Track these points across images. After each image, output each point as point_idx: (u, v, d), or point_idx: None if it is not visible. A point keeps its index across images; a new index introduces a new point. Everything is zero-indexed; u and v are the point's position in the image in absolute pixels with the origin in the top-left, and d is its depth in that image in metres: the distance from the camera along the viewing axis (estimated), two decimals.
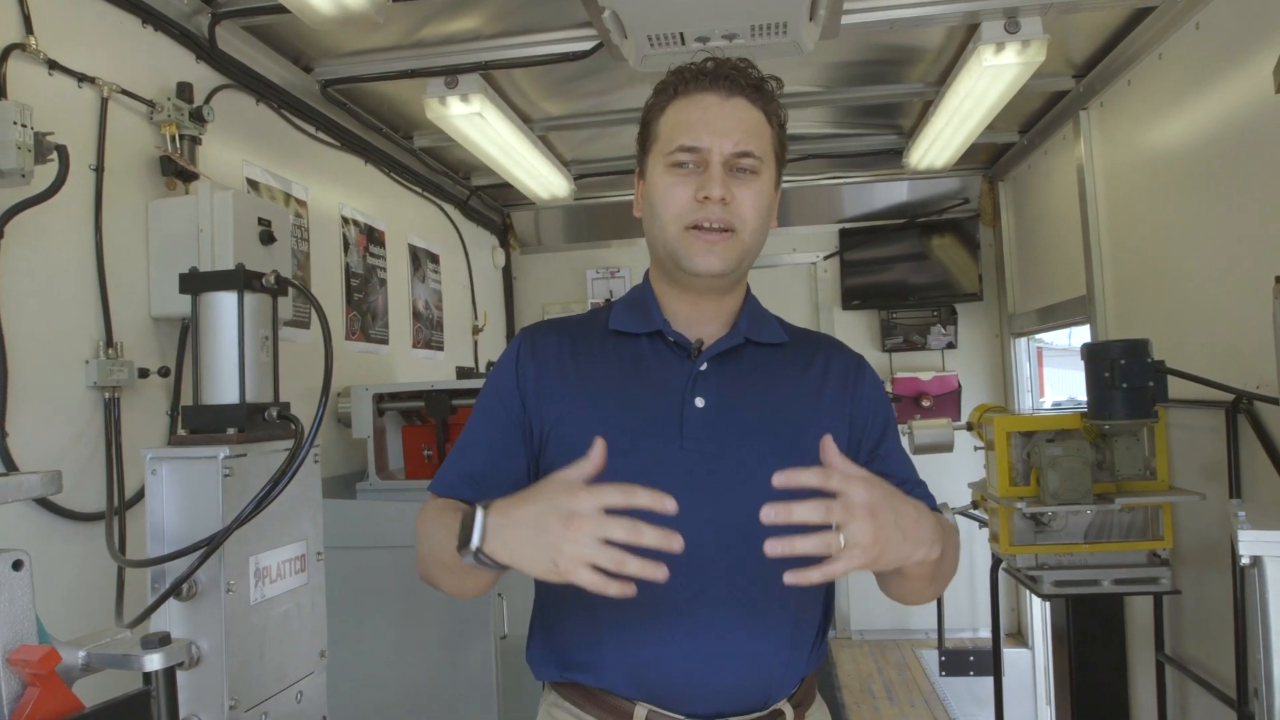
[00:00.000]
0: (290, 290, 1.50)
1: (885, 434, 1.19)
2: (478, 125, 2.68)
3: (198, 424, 1.40)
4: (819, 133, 3.60)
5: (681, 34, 2.12)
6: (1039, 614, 3.78)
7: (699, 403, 1.10)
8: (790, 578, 0.85)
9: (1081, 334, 4.41)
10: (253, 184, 2.31)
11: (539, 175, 3.38)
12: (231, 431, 1.38)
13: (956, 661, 3.07)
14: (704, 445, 1.08)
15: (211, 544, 1.26)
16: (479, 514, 0.88)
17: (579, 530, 0.82)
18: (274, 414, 1.43)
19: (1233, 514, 1.14)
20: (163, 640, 0.96)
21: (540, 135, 3.20)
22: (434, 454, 2.60)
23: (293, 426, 1.42)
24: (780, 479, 0.86)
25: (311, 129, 2.60)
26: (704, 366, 1.12)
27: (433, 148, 3.31)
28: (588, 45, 2.36)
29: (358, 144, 2.85)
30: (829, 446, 0.89)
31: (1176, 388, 2.13)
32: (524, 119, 3.01)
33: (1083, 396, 2.16)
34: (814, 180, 4.25)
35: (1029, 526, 2.24)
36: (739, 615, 1.05)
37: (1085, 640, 2.30)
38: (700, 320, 1.16)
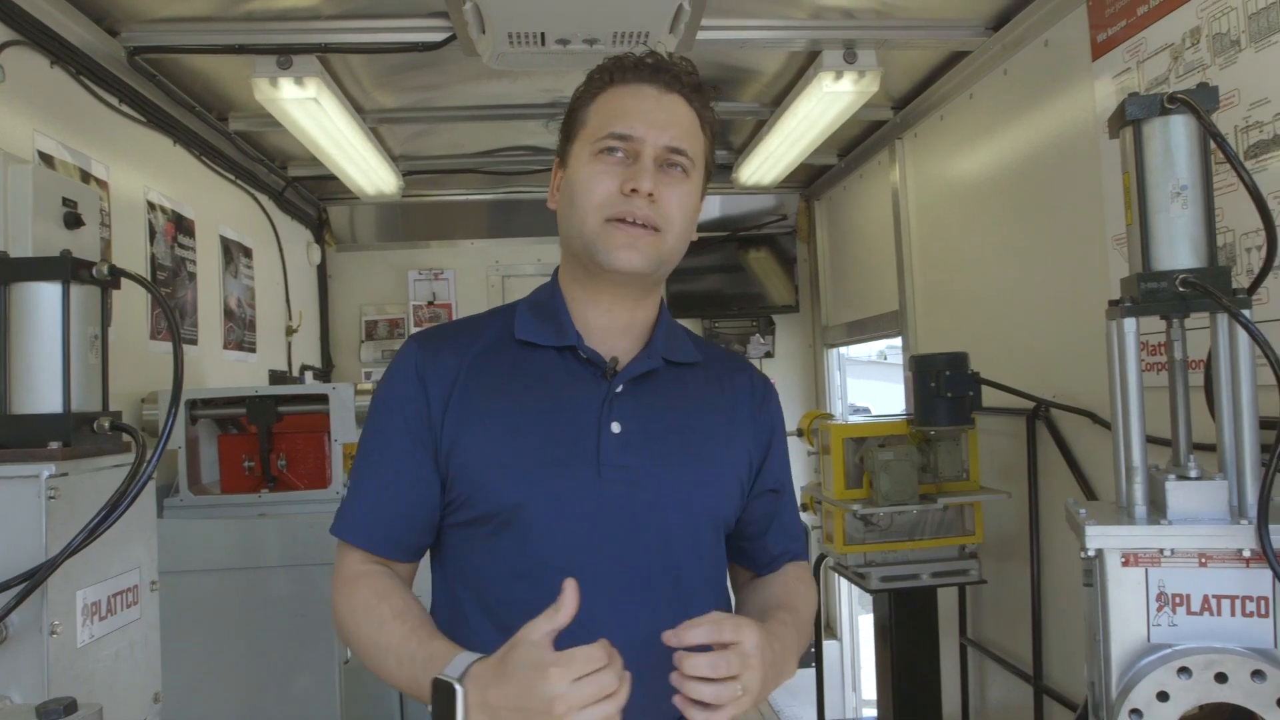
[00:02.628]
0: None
1: (773, 446, 1.22)
2: (312, 112, 2.50)
3: (11, 437, 1.19)
4: None
5: (543, 34, 2.08)
6: (847, 607, 4.05)
7: (615, 428, 1.05)
8: None
9: (880, 345, 4.77)
10: (45, 158, 2.01)
11: (370, 169, 3.20)
12: (55, 445, 1.19)
13: None
14: (622, 474, 1.04)
15: (34, 579, 1.08)
16: (459, 697, 0.85)
17: (564, 714, 0.82)
18: (105, 425, 1.25)
19: (1074, 511, 1.27)
20: None
21: (372, 127, 3.03)
22: (256, 465, 2.39)
23: (130, 439, 1.25)
24: (671, 638, 0.89)
25: (115, 100, 2.31)
26: (620, 389, 1.07)
27: (249, 132, 3.05)
28: (439, 36, 2.26)
29: (166, 121, 2.57)
30: (711, 620, 0.91)
31: (984, 397, 2.35)
32: (357, 108, 2.84)
33: (876, 403, 2.34)
34: None
35: (859, 526, 2.38)
36: (653, 634, 0.97)
37: (903, 630, 2.48)
38: (614, 332, 1.10)
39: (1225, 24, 1.66)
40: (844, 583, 4.00)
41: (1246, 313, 1.16)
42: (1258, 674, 1.12)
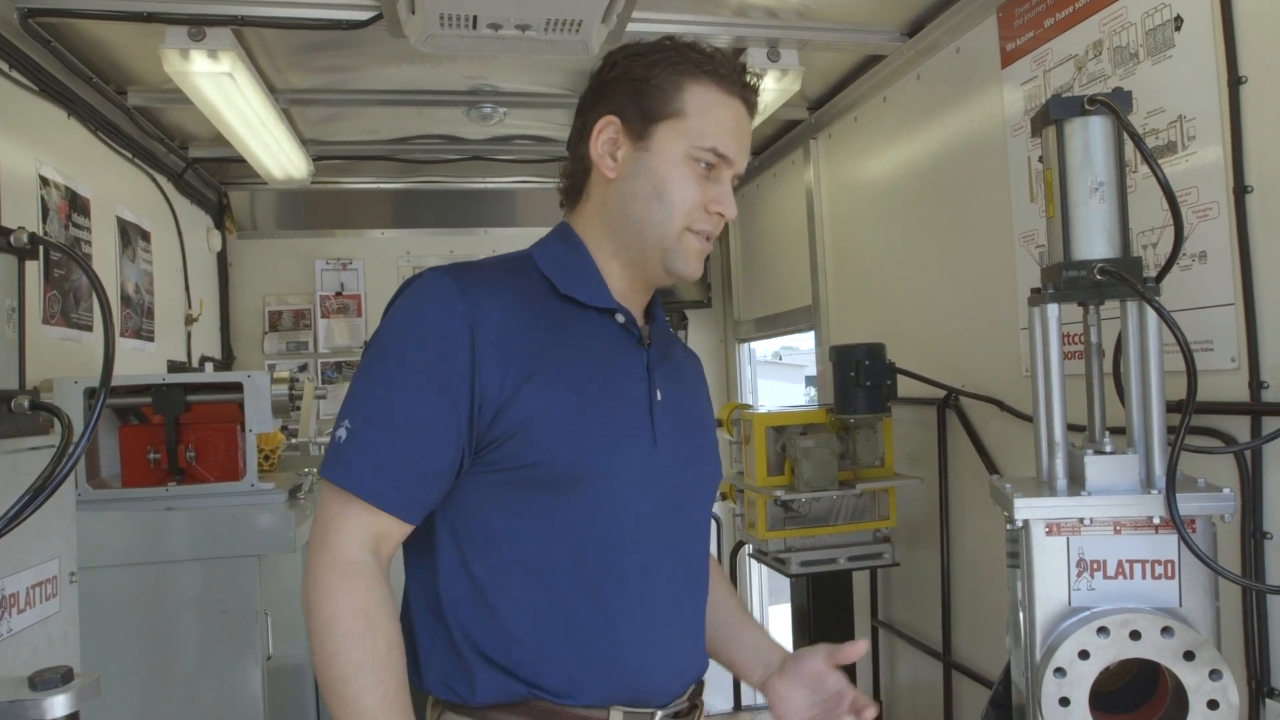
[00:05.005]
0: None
1: None
2: (224, 88, 2.39)
3: None
4: (561, 137, 3.66)
5: (475, 18, 2.06)
6: (758, 596, 4.14)
7: (659, 396, 1.08)
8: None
9: (776, 345, 4.89)
10: None
11: (281, 153, 3.08)
12: None
13: None
14: (668, 442, 1.08)
15: None
16: None
17: None
18: (24, 404, 1.17)
19: (1000, 486, 1.34)
20: None
21: (284, 108, 2.92)
22: (162, 457, 2.27)
23: (54, 419, 1.17)
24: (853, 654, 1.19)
25: (4, 66, 2.15)
26: (657, 359, 1.12)
27: (148, 108, 2.89)
28: (365, 15, 2.20)
29: (61, 92, 2.41)
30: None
31: (898, 387, 2.46)
32: (270, 88, 2.73)
33: (773, 401, 2.42)
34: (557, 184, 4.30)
35: (779, 513, 2.45)
36: (687, 597, 1.13)
37: (820, 615, 2.56)
38: (635, 303, 1.13)
39: (1124, 38, 1.79)
40: (756, 573, 4.09)
41: (1158, 299, 1.26)
42: (1167, 631, 1.22)
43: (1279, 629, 1.49)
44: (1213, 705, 1.21)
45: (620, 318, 1.08)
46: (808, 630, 2.56)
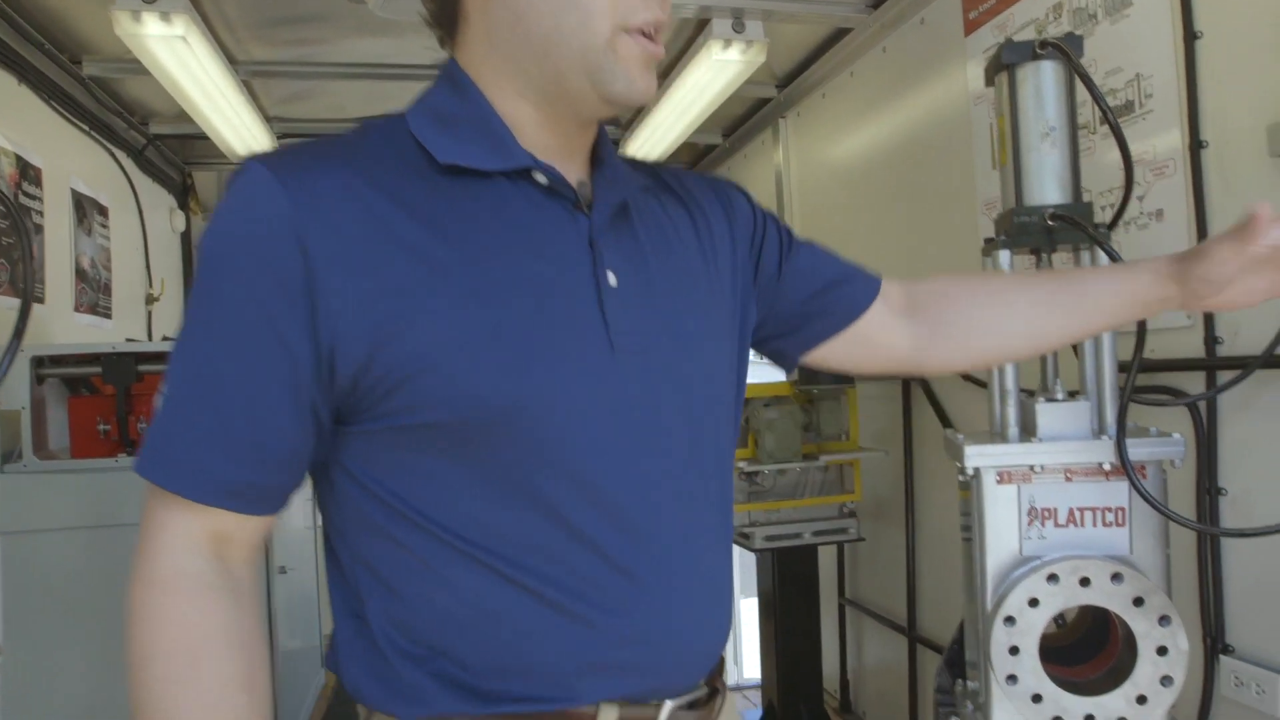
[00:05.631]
0: None
1: (764, 231, 0.96)
2: (179, 54, 2.34)
3: None
4: None
5: None
6: (737, 578, 4.12)
7: (611, 280, 0.76)
8: None
9: None
10: None
11: (242, 127, 3.03)
12: None
13: None
14: (635, 342, 0.76)
15: None
16: None
17: None
18: None
19: (953, 438, 1.33)
20: None
21: (244, 80, 2.88)
22: (112, 428, 2.22)
23: None
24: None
25: None
26: (603, 224, 0.78)
27: (105, 79, 2.83)
28: None
29: (12, 59, 2.36)
30: None
31: None
32: (229, 58, 2.68)
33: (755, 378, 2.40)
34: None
35: (743, 487, 2.43)
36: (693, 551, 0.80)
37: (785, 593, 2.54)
38: (565, 155, 0.80)
39: None
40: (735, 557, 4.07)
41: (1110, 244, 1.25)
42: (1116, 577, 1.20)
43: (1233, 587, 1.49)
44: (1161, 651, 1.20)
45: (541, 177, 0.76)
46: (774, 609, 2.54)
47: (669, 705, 0.79)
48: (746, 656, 4.18)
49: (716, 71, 2.59)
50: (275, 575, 2.47)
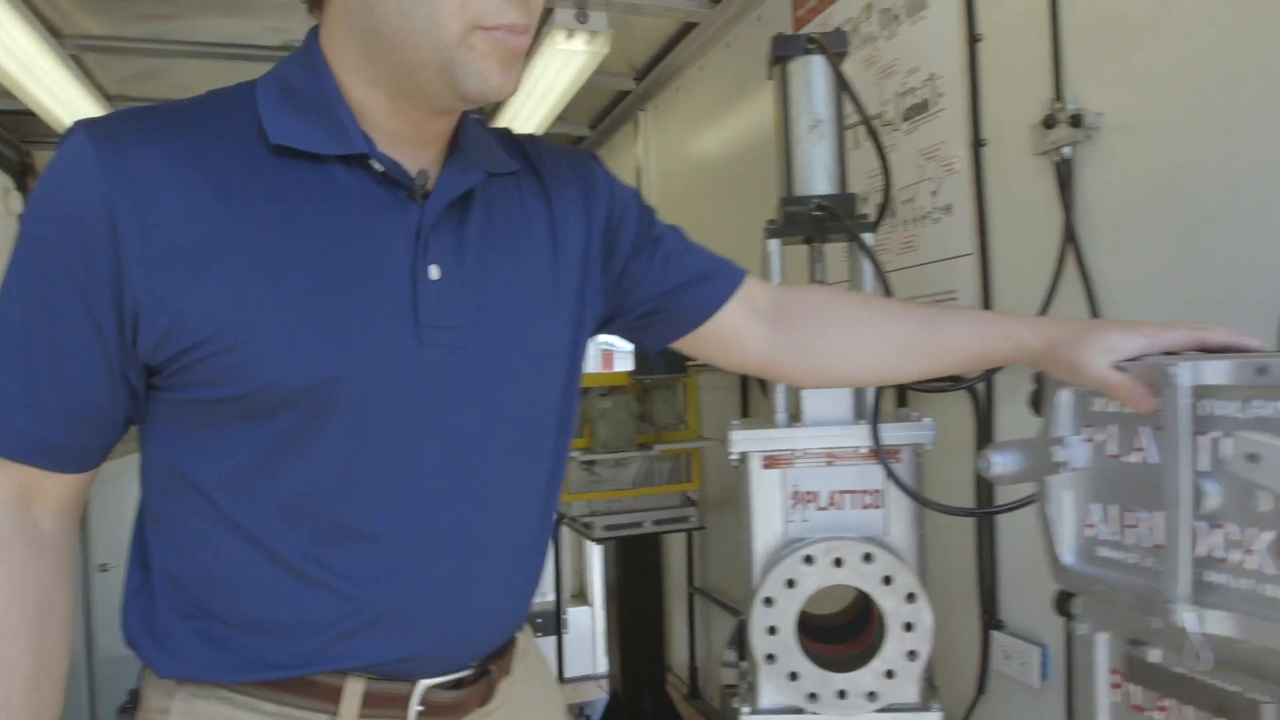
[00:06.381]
0: None
1: (621, 216, 0.95)
2: None
3: None
4: None
5: None
6: (599, 573, 4.14)
7: (433, 273, 0.77)
8: None
9: None
10: None
11: (74, 105, 2.88)
12: None
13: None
14: (448, 336, 0.77)
15: None
16: None
17: None
18: None
19: (731, 426, 1.35)
20: None
21: (73, 55, 2.73)
22: None
23: None
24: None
25: None
26: (435, 217, 0.78)
27: None
28: None
29: None
30: None
31: None
32: (53, 32, 2.54)
33: None
34: None
35: (584, 477, 2.44)
36: (495, 542, 0.83)
37: (630, 581, 2.56)
38: (417, 142, 0.79)
39: (890, 0, 1.84)
40: (596, 552, 4.08)
41: (868, 237, 1.29)
42: (868, 557, 1.24)
43: (1006, 567, 1.56)
44: (908, 627, 1.25)
45: (377, 165, 0.76)
46: (618, 599, 2.56)
47: (422, 684, 0.80)
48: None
49: (564, 62, 2.59)
50: (95, 573, 2.36)
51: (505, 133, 0.91)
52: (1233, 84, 1.12)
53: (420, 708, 0.80)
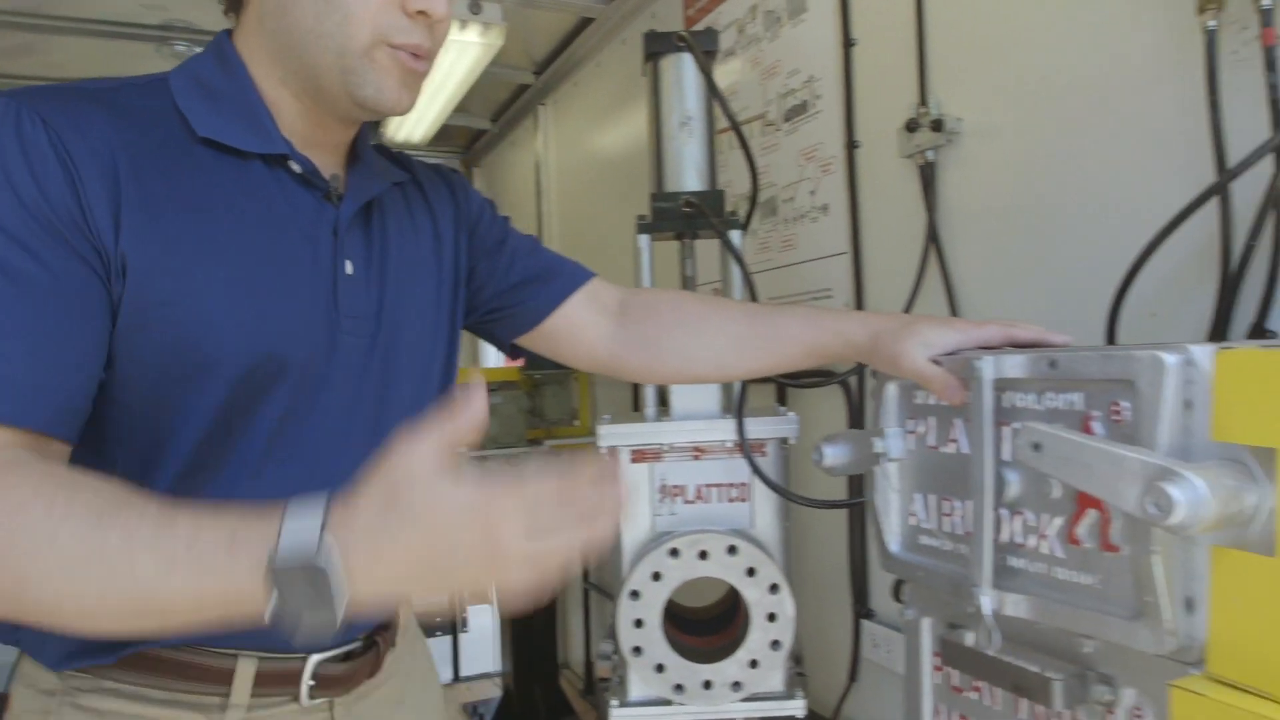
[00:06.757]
0: None
1: (476, 223, 1.01)
2: None
3: None
4: None
5: None
6: None
7: (348, 268, 0.81)
8: None
9: None
10: None
11: None
12: None
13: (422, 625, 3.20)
14: (356, 326, 0.82)
15: None
16: (333, 564, 0.55)
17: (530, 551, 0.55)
18: None
19: (600, 420, 1.35)
20: None
21: None
22: None
23: None
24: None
25: None
26: (349, 218, 0.83)
27: None
28: None
29: None
30: None
31: None
32: None
33: None
34: None
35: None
36: None
37: None
38: (325, 148, 0.84)
39: (773, 2, 1.87)
40: None
41: (734, 234, 1.31)
42: (731, 549, 1.26)
43: (877, 558, 1.60)
44: (771, 618, 1.27)
45: (296, 166, 0.79)
46: None
47: (314, 658, 0.81)
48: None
49: (458, 52, 2.55)
50: None
51: (384, 148, 0.97)
52: (1073, 95, 1.18)
53: (312, 682, 0.80)
